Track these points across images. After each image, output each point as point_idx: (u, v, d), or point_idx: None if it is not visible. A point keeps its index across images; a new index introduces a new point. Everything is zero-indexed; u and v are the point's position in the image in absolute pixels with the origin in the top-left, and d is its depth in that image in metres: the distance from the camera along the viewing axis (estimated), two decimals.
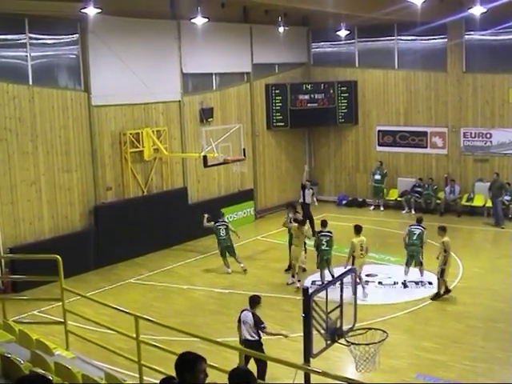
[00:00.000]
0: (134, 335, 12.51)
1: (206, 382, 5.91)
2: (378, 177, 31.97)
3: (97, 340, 14.47)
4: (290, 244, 22.66)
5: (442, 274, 19.93)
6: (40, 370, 9.64)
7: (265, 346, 14.49)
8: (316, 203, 27.68)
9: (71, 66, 23.98)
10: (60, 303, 14.21)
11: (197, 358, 6.94)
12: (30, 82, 22.40)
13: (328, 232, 22.00)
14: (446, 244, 20.04)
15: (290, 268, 22.43)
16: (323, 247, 21.69)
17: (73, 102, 23.65)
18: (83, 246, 23.36)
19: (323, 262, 21.61)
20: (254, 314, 14.43)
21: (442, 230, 20.52)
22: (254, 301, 14.73)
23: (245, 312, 14.59)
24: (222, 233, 23.35)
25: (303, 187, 27.12)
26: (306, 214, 25.97)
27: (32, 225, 22.58)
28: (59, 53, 23.48)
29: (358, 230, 21.02)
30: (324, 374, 13.37)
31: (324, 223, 22.42)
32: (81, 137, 23.94)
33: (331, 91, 32.79)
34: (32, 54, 22.40)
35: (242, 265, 23.23)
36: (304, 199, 26.95)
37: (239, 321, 14.61)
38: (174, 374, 6.85)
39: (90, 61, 23.90)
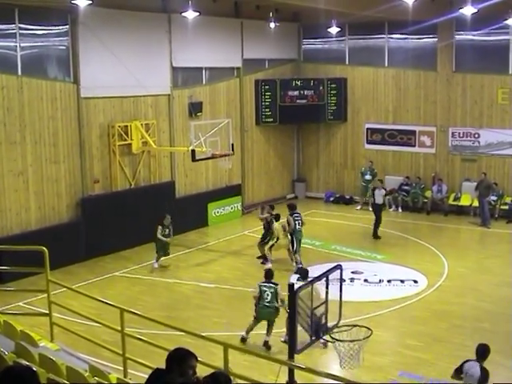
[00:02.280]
0: (119, 328, 12.52)
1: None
2: (368, 177, 31.80)
3: (82, 332, 14.47)
4: (264, 239, 23.64)
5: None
6: (24, 362, 9.62)
7: (250, 341, 14.48)
8: (387, 206, 27.79)
9: (61, 57, 23.89)
10: (45, 295, 14.19)
11: (189, 354, 7.03)
12: (19, 73, 22.29)
13: (298, 213, 23.08)
14: None
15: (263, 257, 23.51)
16: (297, 227, 22.60)
17: (62, 94, 23.57)
18: (70, 238, 23.30)
19: (299, 243, 22.65)
20: (482, 369, 11.54)
21: None
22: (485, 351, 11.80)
23: (471, 363, 11.69)
24: (298, 226, 23.06)
25: (374, 188, 27.65)
26: (377, 215, 26.77)
27: (19, 216, 22.50)
28: (49, 44, 23.38)
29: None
30: (308, 369, 13.41)
31: (292, 206, 23.35)
32: (69, 128, 23.87)
33: (321, 88, 32.79)
34: (21, 45, 22.30)
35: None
36: (374, 200, 27.36)
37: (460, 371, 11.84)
38: (157, 367, 6.88)
39: (80, 52, 23.81)
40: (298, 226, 22.82)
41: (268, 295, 16.60)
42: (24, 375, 4.95)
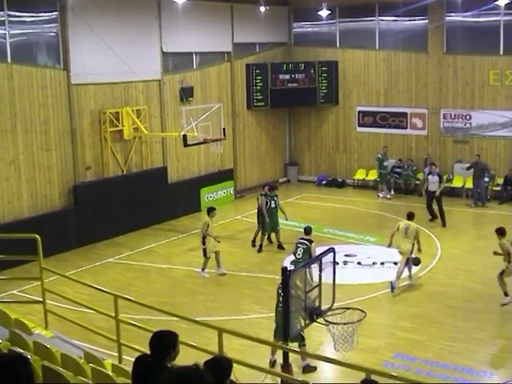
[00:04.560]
0: (113, 314, 12.53)
1: (191, 363, 5.94)
2: (387, 163, 31.25)
3: (76, 319, 14.48)
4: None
5: None
6: (19, 349, 9.63)
7: (244, 326, 14.54)
8: (437, 193, 25.92)
9: (50, 44, 23.81)
10: (39, 282, 14.19)
11: (172, 335, 7.07)
12: (9, 60, 22.19)
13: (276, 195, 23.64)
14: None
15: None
16: (272, 206, 23.23)
17: (52, 81, 23.49)
18: (63, 226, 23.29)
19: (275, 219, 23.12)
20: None
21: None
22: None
23: None
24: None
25: (428, 173, 26.96)
26: (428, 203, 26.15)
27: (11, 204, 22.46)
28: (38, 31, 23.28)
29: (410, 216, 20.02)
30: (302, 352, 13.48)
31: (272, 187, 23.81)
32: (60, 115, 23.80)
33: (312, 71, 32.73)
34: (11, 32, 22.18)
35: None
36: (428, 186, 26.57)
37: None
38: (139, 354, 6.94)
39: (70, 39, 23.72)
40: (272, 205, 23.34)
41: (300, 250, 18.15)
42: (16, 363, 4.95)
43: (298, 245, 18.33)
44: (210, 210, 21.38)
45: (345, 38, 32.78)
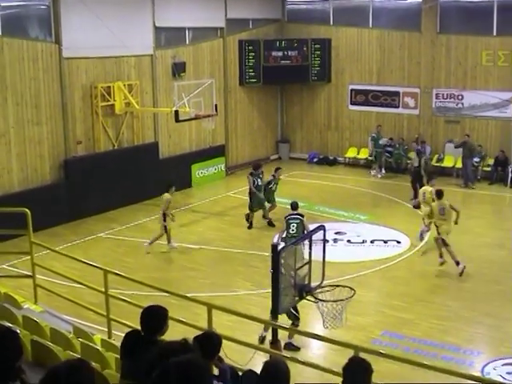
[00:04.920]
0: (103, 289, 12.54)
1: (180, 338, 5.99)
2: (382, 141, 31.29)
3: (65, 294, 14.48)
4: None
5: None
6: (8, 324, 9.64)
7: (234, 302, 14.57)
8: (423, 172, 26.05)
9: (42, 17, 23.64)
10: (29, 257, 14.18)
11: (163, 310, 7.11)
12: (0, 33, 22.06)
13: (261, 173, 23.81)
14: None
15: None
16: (259, 184, 23.42)
17: (43, 54, 23.34)
18: (53, 200, 23.23)
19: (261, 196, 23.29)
20: None
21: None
22: None
23: None
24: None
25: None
26: (413, 181, 26.30)
27: (1, 178, 22.37)
28: (29, 3, 23.13)
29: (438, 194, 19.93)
30: (291, 329, 13.53)
31: (256, 166, 24.00)
32: (51, 89, 23.68)
33: (304, 49, 32.64)
34: (2, 4, 21.98)
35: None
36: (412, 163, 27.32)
37: None
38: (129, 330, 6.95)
39: (61, 12, 23.53)
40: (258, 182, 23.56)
41: (294, 226, 17.74)
42: (5, 337, 4.96)
43: (290, 221, 18.10)
44: (170, 186, 21.23)
45: (338, 15, 32.66)
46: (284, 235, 17.91)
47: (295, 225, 17.84)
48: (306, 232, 17.58)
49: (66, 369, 4.47)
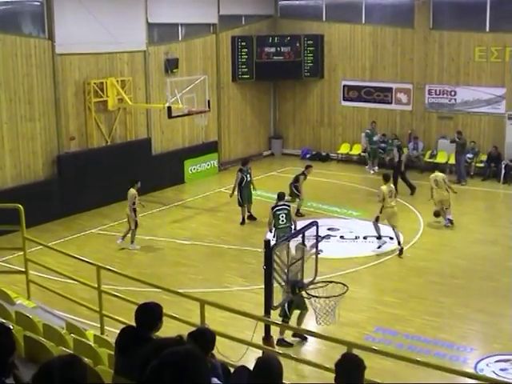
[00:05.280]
0: (96, 285, 12.54)
1: (174, 335, 6.00)
2: (376, 138, 31.20)
3: (58, 290, 14.47)
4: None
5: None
6: (0, 319, 9.63)
7: (227, 298, 14.58)
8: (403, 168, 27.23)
9: (35, 13, 23.59)
10: (22, 252, 14.16)
11: (158, 307, 7.12)
12: None
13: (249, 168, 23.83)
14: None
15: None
16: (248, 180, 23.60)
17: (36, 50, 23.31)
18: (46, 196, 23.20)
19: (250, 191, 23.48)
20: None
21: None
22: None
23: None
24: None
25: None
26: (403, 176, 26.96)
27: None
28: None
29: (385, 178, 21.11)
30: (284, 325, 13.54)
31: (245, 162, 24.18)
32: (44, 85, 23.64)
33: (297, 44, 32.62)
34: None
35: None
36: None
37: None
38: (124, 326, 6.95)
39: (55, 8, 23.48)
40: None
41: (283, 217, 18.55)
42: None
43: (278, 212, 18.53)
44: (135, 182, 21.10)
45: (331, 11, 32.64)
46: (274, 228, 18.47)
47: (284, 215, 18.42)
48: (292, 222, 18.47)
49: (58, 364, 4.47)
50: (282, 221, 18.45)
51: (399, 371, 12.21)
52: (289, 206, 18.72)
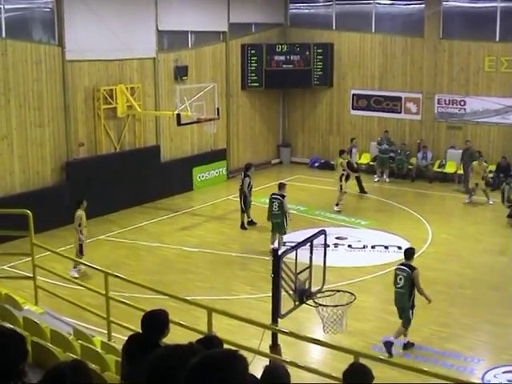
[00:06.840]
0: (104, 292, 12.55)
1: (182, 343, 5.99)
2: (385, 147, 31.01)
3: (66, 296, 14.50)
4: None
5: None
6: (8, 325, 9.64)
7: (234, 306, 14.57)
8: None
9: (45, 20, 23.66)
10: (30, 258, 14.18)
11: (165, 314, 7.13)
12: (3, 35, 22.03)
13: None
14: None
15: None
16: (251, 185, 23.94)
17: (46, 56, 23.36)
18: (54, 202, 23.20)
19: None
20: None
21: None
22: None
23: None
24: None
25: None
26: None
27: (3, 179, 22.38)
28: (33, 6, 23.14)
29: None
30: (291, 334, 13.51)
31: (249, 166, 24.18)
32: (54, 91, 23.70)
33: (307, 53, 32.64)
34: (6, 7, 22.02)
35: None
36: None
37: None
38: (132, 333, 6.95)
39: (65, 15, 23.55)
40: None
41: (276, 205, 20.69)
42: (12, 338, 4.97)
43: (273, 199, 20.78)
44: (81, 202, 19.42)
45: (341, 20, 32.65)
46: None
47: (277, 204, 20.61)
48: (285, 210, 20.62)
49: (64, 370, 4.47)
50: (275, 208, 20.67)
51: (406, 381, 12.16)
52: (283, 197, 20.63)
